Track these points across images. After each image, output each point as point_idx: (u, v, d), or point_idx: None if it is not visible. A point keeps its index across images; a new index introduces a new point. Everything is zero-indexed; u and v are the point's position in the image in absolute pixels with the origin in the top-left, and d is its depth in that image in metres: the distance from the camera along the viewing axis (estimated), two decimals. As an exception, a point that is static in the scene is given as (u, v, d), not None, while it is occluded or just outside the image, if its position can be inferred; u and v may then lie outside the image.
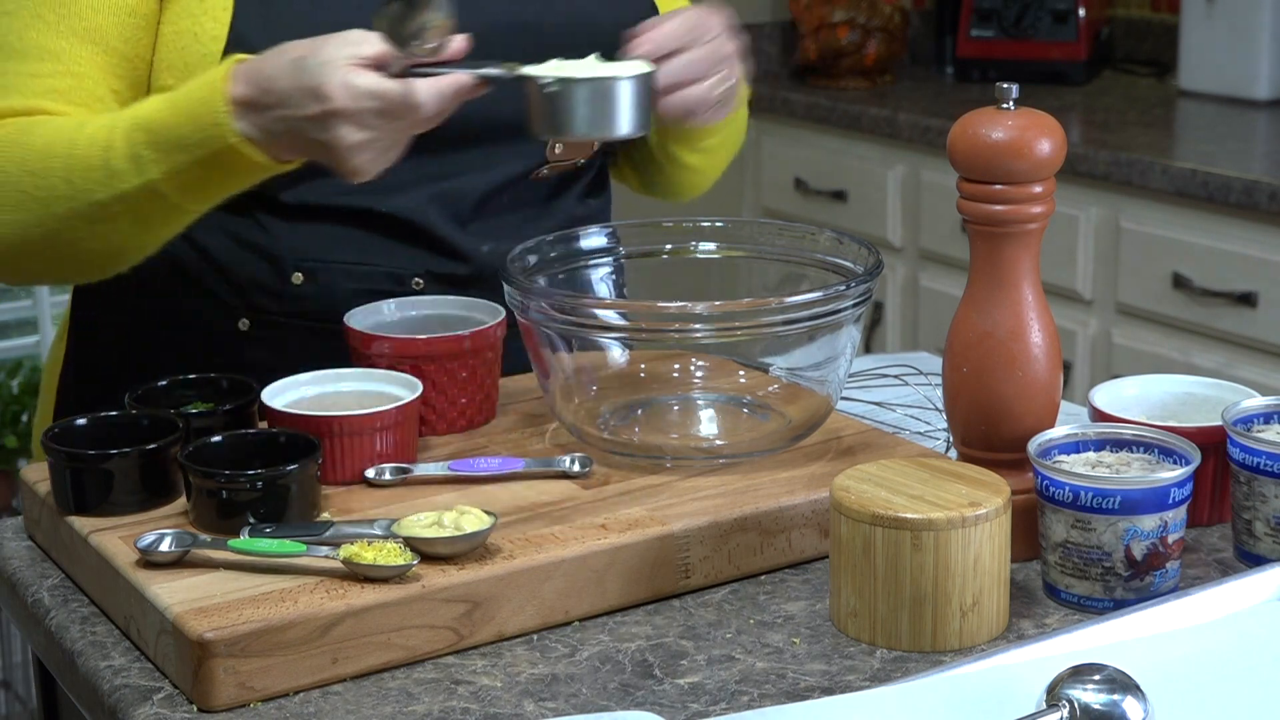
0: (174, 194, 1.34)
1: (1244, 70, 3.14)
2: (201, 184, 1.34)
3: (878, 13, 3.52)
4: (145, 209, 1.36)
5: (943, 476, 1.17)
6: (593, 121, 1.31)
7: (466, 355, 1.39)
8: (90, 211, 1.36)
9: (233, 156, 1.32)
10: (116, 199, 1.35)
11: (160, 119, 1.34)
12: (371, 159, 1.30)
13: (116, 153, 1.35)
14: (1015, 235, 1.22)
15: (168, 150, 1.33)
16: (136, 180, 1.34)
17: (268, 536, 1.16)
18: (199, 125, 1.31)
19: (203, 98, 1.32)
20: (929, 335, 3.22)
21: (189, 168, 1.33)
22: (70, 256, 1.40)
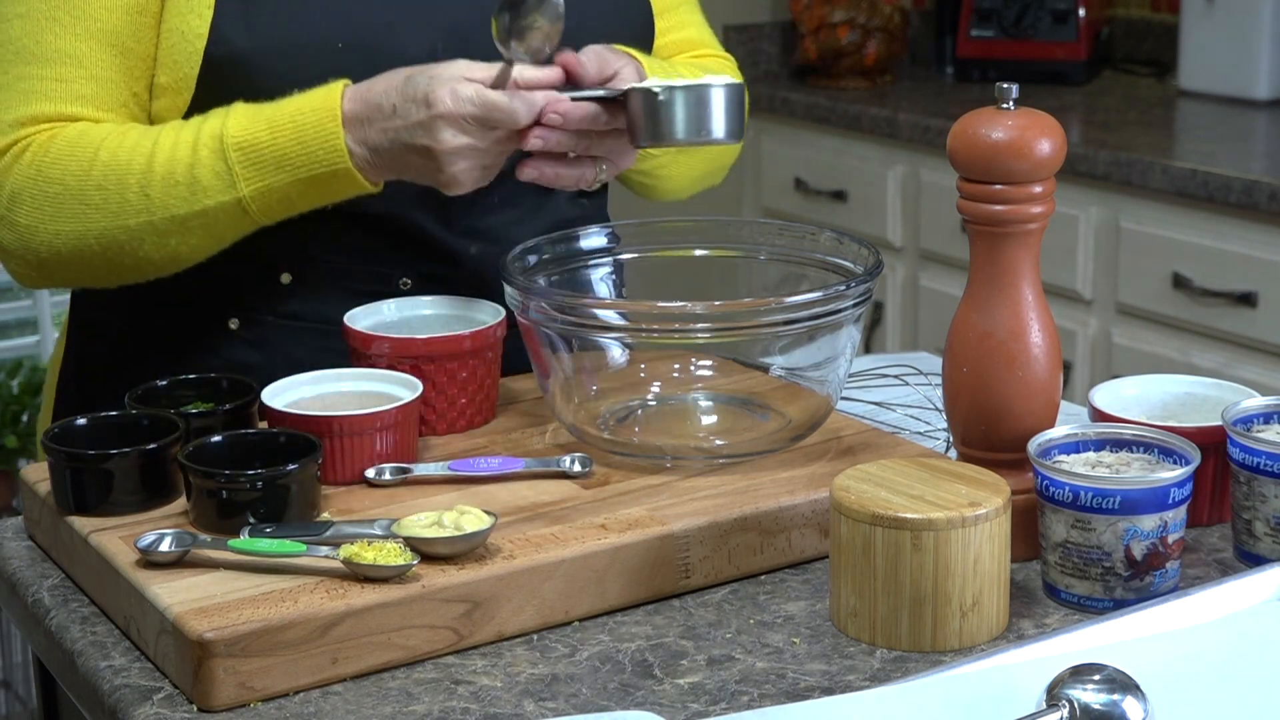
0: (258, 211, 1.39)
1: (1244, 70, 3.14)
2: (289, 202, 1.39)
3: (878, 13, 3.52)
4: (222, 224, 1.40)
5: (943, 476, 1.17)
6: (696, 127, 1.35)
7: (466, 355, 1.39)
8: (165, 225, 1.40)
9: (337, 178, 1.37)
10: (197, 214, 1.39)
11: (261, 138, 1.37)
12: (469, 168, 1.35)
13: (204, 168, 1.38)
14: (1015, 235, 1.22)
15: (266, 169, 1.37)
16: (223, 197, 1.38)
17: (268, 536, 1.16)
18: (307, 146, 1.36)
19: (314, 120, 1.36)
20: (929, 335, 3.22)
21: (285, 187, 1.38)
22: (124, 266, 1.43)
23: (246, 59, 1.40)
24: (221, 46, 1.41)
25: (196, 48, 1.41)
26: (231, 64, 1.39)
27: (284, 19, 1.42)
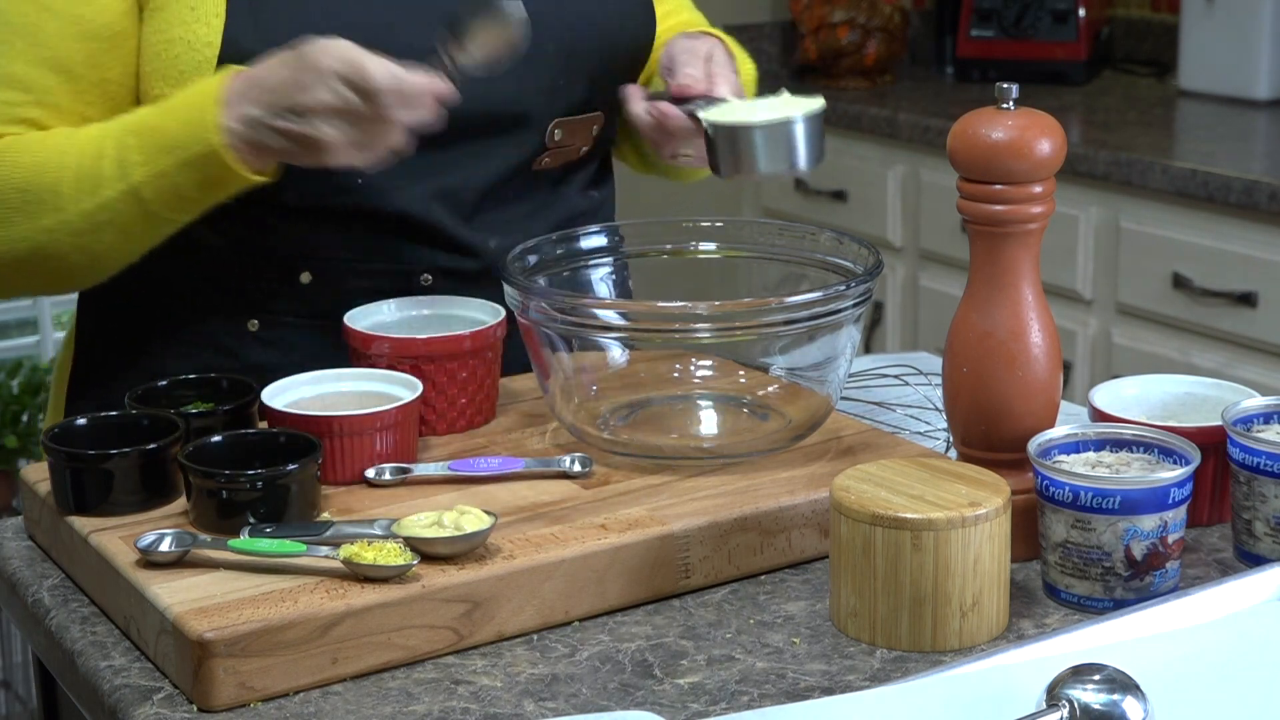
0: (154, 200, 1.37)
1: (1244, 70, 3.14)
2: (179, 191, 1.37)
3: (878, 13, 3.52)
4: (126, 217, 1.39)
5: (943, 476, 1.17)
6: (779, 161, 1.38)
7: (466, 355, 1.39)
8: (77, 223, 1.39)
9: (213, 160, 1.34)
10: (101, 208, 1.38)
11: (150, 122, 1.38)
12: (338, 135, 1.32)
13: (107, 159, 1.38)
14: (1015, 235, 1.22)
15: (154, 152, 1.36)
16: (121, 185, 1.37)
17: (268, 536, 1.16)
18: (186, 123, 1.35)
19: (193, 100, 1.36)
20: (929, 335, 3.22)
21: (172, 171, 1.36)
22: (53, 272, 1.43)
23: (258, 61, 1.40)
24: (233, 50, 1.41)
25: (206, 56, 1.41)
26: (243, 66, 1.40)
27: (290, 21, 1.42)
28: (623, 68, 1.58)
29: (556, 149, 1.54)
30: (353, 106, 1.30)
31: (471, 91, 1.46)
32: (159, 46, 1.43)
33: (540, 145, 1.53)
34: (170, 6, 1.42)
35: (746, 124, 1.37)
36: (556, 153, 1.54)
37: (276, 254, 1.49)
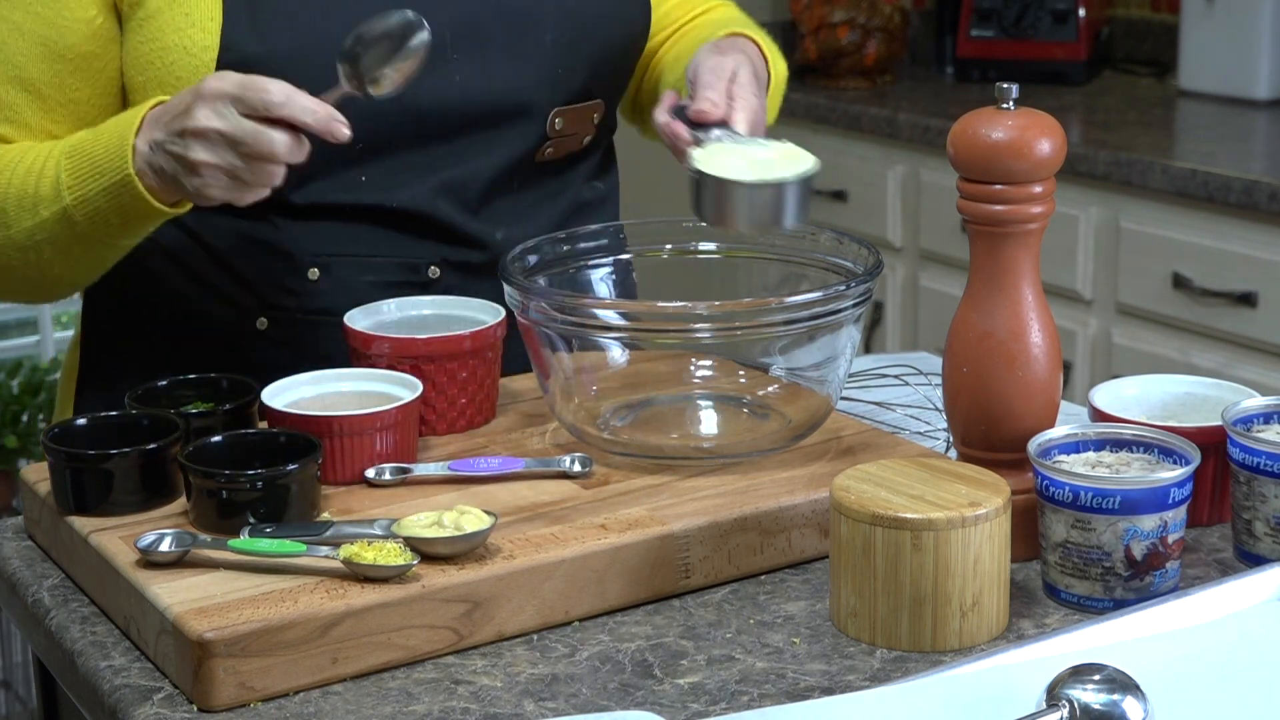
0: (83, 224, 1.39)
1: (1244, 70, 3.14)
2: (105, 216, 1.38)
3: (878, 13, 3.52)
4: (63, 238, 1.40)
5: (943, 476, 1.17)
6: (761, 220, 1.34)
7: (466, 355, 1.39)
8: (19, 239, 1.42)
9: (128, 188, 1.35)
10: (39, 226, 1.40)
11: (84, 145, 1.39)
12: (213, 162, 1.30)
13: (45, 179, 1.40)
14: (1015, 235, 1.22)
15: (82, 177, 1.38)
16: (55, 207, 1.39)
17: (268, 536, 1.16)
18: (108, 148, 1.37)
19: (118, 126, 1.37)
20: (929, 335, 3.22)
21: (95, 196, 1.38)
22: (6, 282, 1.46)
23: (258, 63, 1.40)
24: (232, 53, 1.41)
25: (204, 60, 1.41)
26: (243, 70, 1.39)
27: (291, 20, 1.42)
28: (620, 56, 1.58)
29: (559, 139, 1.54)
30: (238, 133, 1.28)
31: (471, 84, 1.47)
32: (152, 55, 1.43)
33: (542, 135, 1.53)
34: (163, 14, 1.42)
35: (734, 181, 1.33)
36: (559, 143, 1.55)
37: (284, 251, 1.49)
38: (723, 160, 1.35)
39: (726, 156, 1.35)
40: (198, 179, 1.31)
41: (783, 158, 1.36)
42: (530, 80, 1.50)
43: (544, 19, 1.51)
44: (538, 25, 1.50)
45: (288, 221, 1.48)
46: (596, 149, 1.61)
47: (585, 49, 1.53)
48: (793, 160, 1.35)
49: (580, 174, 1.60)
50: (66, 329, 3.93)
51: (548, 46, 1.51)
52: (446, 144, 1.49)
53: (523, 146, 1.53)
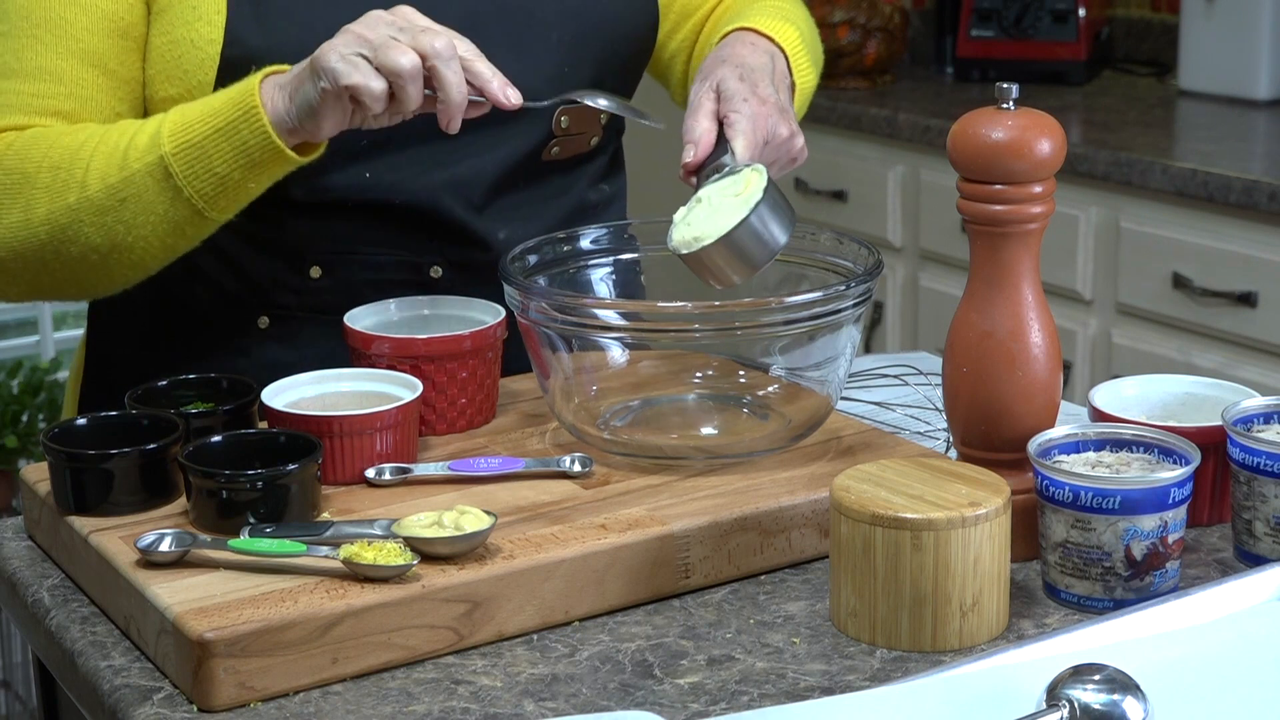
0: (182, 173, 1.34)
1: (1244, 70, 3.14)
2: (211, 163, 1.34)
3: (878, 13, 3.52)
4: (151, 193, 1.35)
5: (943, 476, 1.17)
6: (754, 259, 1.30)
7: (466, 355, 1.39)
8: (100, 199, 1.36)
9: (249, 121, 1.32)
10: (126, 181, 1.35)
11: (193, 110, 1.36)
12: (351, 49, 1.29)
13: (142, 134, 1.36)
14: (1015, 235, 1.22)
15: (188, 122, 1.34)
16: (149, 158, 1.34)
17: (268, 536, 1.16)
18: (228, 96, 1.34)
19: (241, 84, 1.34)
20: (929, 335, 3.22)
21: (203, 140, 1.33)
22: (71, 259, 1.39)
23: (262, 57, 1.40)
24: (237, 47, 1.41)
25: (209, 54, 1.42)
26: (249, 64, 1.39)
27: (296, 14, 1.42)
28: (626, 54, 1.58)
29: (565, 137, 1.54)
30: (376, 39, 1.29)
31: None
32: (163, 48, 1.44)
33: (548, 133, 1.53)
34: (173, 8, 1.43)
35: (697, 251, 1.29)
36: (565, 142, 1.54)
37: (286, 249, 1.49)
38: (700, 221, 1.31)
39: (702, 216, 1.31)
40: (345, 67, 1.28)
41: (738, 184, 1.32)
42: (535, 77, 1.50)
43: (548, 17, 1.51)
44: (542, 23, 1.50)
45: (290, 218, 1.48)
46: (604, 151, 1.61)
47: (590, 48, 1.53)
48: (746, 184, 1.31)
49: (587, 176, 1.60)
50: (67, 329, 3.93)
51: (553, 44, 1.51)
52: (452, 141, 1.49)
53: (528, 144, 1.53)
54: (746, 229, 1.28)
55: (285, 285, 1.50)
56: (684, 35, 1.68)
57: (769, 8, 1.57)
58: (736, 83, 1.40)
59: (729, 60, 1.44)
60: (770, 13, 1.55)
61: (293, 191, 1.45)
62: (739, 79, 1.40)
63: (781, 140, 1.41)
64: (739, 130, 1.36)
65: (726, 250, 1.28)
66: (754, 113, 1.38)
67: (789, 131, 1.41)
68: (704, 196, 1.32)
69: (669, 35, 1.67)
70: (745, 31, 1.51)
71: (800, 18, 1.60)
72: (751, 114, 1.38)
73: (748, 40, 1.49)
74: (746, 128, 1.37)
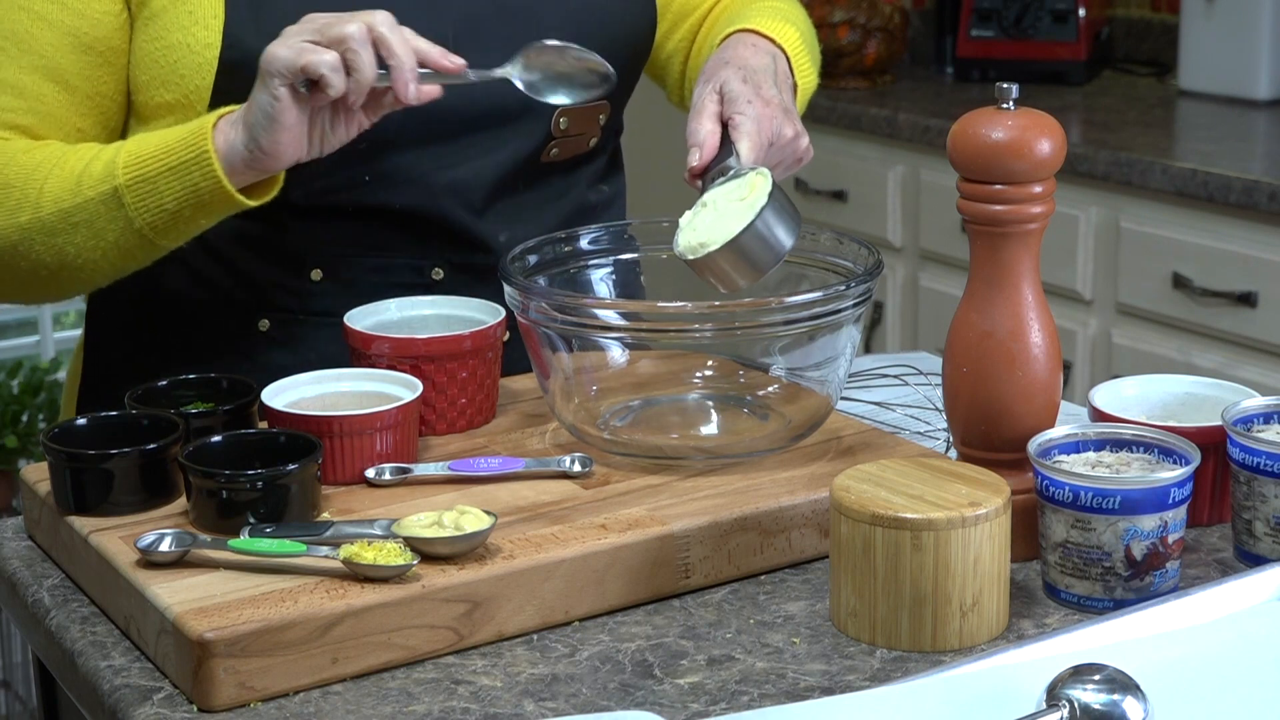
0: (134, 206, 1.36)
1: (1244, 70, 3.14)
2: (163, 200, 1.36)
3: (878, 13, 3.52)
4: (103, 220, 1.37)
5: (943, 476, 1.17)
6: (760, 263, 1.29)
7: (466, 355, 1.39)
8: (52, 221, 1.39)
9: (200, 164, 1.34)
10: (79, 207, 1.37)
11: (149, 137, 1.38)
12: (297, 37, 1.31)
13: (97, 163, 1.38)
14: (1015, 235, 1.22)
15: (145, 160, 1.36)
16: (104, 188, 1.37)
17: (268, 536, 1.16)
18: (182, 134, 1.35)
19: (195, 123, 1.36)
20: (929, 335, 3.22)
21: (155, 176, 1.35)
22: (21, 272, 1.42)
23: None
24: (235, 51, 1.41)
25: (207, 58, 1.41)
26: (248, 67, 1.39)
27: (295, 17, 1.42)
28: (625, 56, 1.58)
29: (564, 139, 1.54)
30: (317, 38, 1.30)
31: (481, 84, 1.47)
32: (156, 54, 1.43)
33: (547, 135, 1.53)
34: (167, 13, 1.42)
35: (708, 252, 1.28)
36: (564, 143, 1.54)
37: (287, 252, 1.49)
38: (705, 226, 1.30)
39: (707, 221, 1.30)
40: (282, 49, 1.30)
41: (744, 188, 1.31)
42: None
43: (548, 20, 1.51)
44: (540, 26, 1.50)
45: (291, 222, 1.48)
46: (602, 152, 1.61)
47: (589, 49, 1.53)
48: (751, 188, 1.31)
49: (586, 177, 1.60)
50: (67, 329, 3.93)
51: None
52: (451, 143, 1.49)
53: (528, 146, 1.53)
54: (752, 234, 1.28)
55: (286, 288, 1.50)
56: (681, 35, 1.68)
57: (767, 8, 1.56)
58: (740, 85, 1.39)
59: (731, 62, 1.43)
60: (769, 14, 1.54)
61: (293, 195, 1.45)
62: (742, 81, 1.40)
63: (786, 141, 1.40)
64: (744, 133, 1.36)
65: (733, 255, 1.28)
66: (758, 114, 1.37)
67: (794, 132, 1.41)
68: (709, 201, 1.31)
69: (666, 35, 1.67)
70: (746, 33, 1.51)
71: (799, 18, 1.60)
72: (756, 116, 1.37)
73: (749, 42, 1.49)
74: (751, 130, 1.36)
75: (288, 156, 1.34)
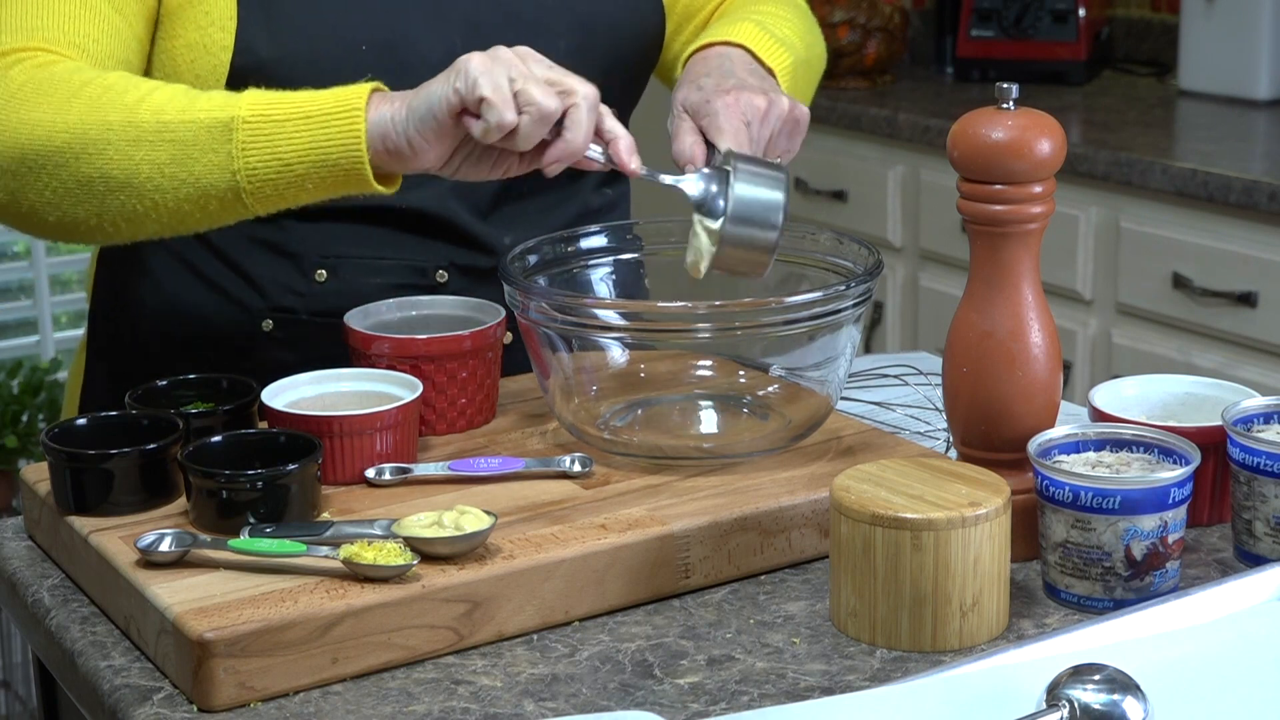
0: (245, 139, 1.25)
1: (1244, 70, 3.14)
2: (280, 142, 1.25)
3: (878, 13, 3.52)
4: (200, 145, 1.26)
5: (943, 476, 1.17)
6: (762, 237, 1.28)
7: (466, 355, 1.39)
8: (145, 126, 1.26)
9: (348, 117, 1.24)
10: (183, 124, 1.26)
11: (285, 95, 1.28)
12: (501, 68, 1.22)
13: (220, 91, 1.29)
14: (1015, 235, 1.22)
15: (275, 101, 1.26)
16: (218, 112, 1.26)
17: (268, 536, 1.16)
18: (331, 91, 1.26)
19: (349, 86, 1.27)
20: (929, 335, 3.22)
21: (286, 119, 1.25)
22: (70, 178, 1.29)
23: (272, 66, 1.40)
24: (247, 56, 1.40)
25: (221, 60, 1.41)
26: (257, 72, 1.39)
27: (305, 24, 1.42)
28: (633, 61, 1.58)
29: None
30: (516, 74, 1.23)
31: None
32: (175, 51, 1.43)
33: None
34: (184, 11, 1.42)
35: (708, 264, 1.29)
36: None
37: (291, 252, 1.49)
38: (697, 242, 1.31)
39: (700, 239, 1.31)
40: (474, 65, 1.22)
41: None
42: None
43: (556, 26, 1.51)
44: (550, 32, 1.50)
45: (295, 222, 1.48)
46: None
47: (598, 56, 1.53)
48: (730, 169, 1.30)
49: (591, 180, 1.60)
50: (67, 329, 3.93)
51: (560, 53, 1.50)
52: None
53: None
54: (732, 227, 1.28)
55: (290, 288, 1.50)
56: (686, 37, 1.68)
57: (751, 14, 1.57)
58: (695, 93, 1.41)
59: (682, 83, 1.45)
60: (731, 20, 1.55)
61: None
62: (696, 89, 1.41)
63: (762, 112, 1.39)
64: (716, 127, 1.37)
65: (731, 250, 1.28)
66: (722, 105, 1.38)
67: (766, 100, 1.40)
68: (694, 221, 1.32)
69: (672, 36, 1.67)
70: (695, 53, 1.51)
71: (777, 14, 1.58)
72: (720, 108, 1.38)
73: (697, 58, 1.49)
74: (722, 122, 1.37)
75: (427, 159, 1.26)
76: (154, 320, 1.54)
